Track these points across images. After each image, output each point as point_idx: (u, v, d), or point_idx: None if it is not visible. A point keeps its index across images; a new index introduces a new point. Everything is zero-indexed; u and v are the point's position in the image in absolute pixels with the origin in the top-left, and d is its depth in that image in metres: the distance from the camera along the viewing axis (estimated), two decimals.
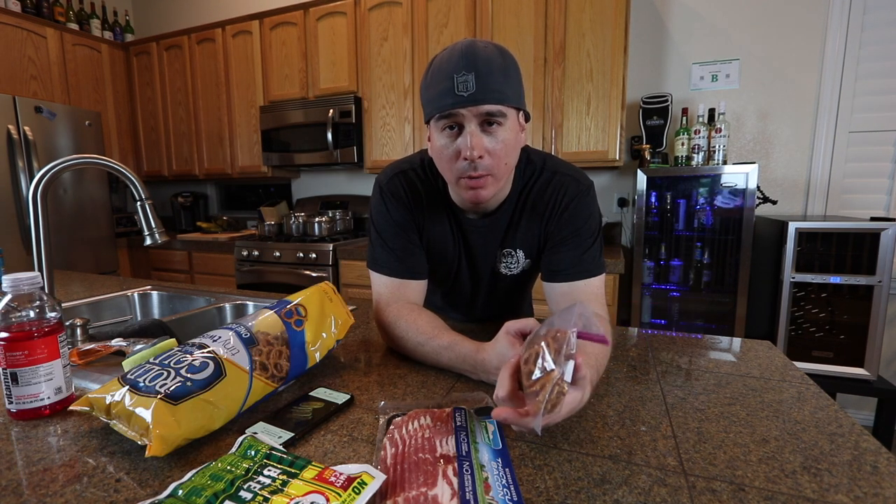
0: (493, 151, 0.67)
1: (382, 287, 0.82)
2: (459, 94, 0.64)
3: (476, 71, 0.63)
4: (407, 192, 0.82)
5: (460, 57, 0.64)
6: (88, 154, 1.41)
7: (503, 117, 0.66)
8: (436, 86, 0.67)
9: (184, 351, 0.56)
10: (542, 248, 0.83)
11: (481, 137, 0.66)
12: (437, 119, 0.68)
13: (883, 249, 1.63)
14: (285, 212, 2.85)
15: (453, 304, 0.99)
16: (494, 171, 0.69)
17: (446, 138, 0.69)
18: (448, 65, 0.65)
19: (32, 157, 2.43)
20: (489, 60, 0.64)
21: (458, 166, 0.69)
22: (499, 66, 0.65)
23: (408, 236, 0.82)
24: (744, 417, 0.57)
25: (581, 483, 0.44)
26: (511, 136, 0.68)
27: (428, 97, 0.69)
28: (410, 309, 0.77)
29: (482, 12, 2.20)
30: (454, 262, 0.88)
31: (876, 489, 0.43)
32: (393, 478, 0.42)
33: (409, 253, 0.82)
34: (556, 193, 0.79)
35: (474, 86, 0.63)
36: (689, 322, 2.04)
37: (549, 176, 0.80)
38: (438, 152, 0.71)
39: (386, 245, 0.82)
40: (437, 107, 0.67)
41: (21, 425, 0.55)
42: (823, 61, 2.04)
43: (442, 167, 0.73)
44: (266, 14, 2.72)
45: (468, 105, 0.64)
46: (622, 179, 2.40)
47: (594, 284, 0.77)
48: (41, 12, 2.89)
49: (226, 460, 0.43)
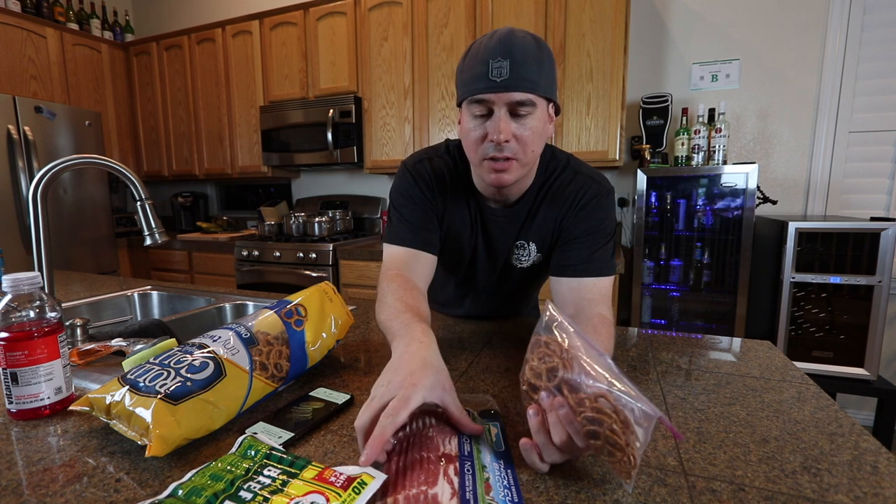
0: (520, 137, 0.68)
1: (391, 258, 0.81)
2: (493, 79, 0.65)
3: (511, 58, 0.64)
4: (431, 177, 0.83)
5: (497, 43, 0.65)
6: (88, 154, 1.41)
7: (533, 106, 0.67)
8: (471, 69, 0.67)
9: (184, 351, 0.56)
10: (554, 244, 0.83)
11: (510, 122, 0.67)
12: (469, 102, 0.69)
13: (883, 249, 1.63)
14: (285, 212, 2.85)
15: (465, 294, 0.99)
16: (520, 156, 0.69)
17: (476, 121, 0.70)
18: (485, 50, 0.66)
19: (32, 157, 2.43)
20: (525, 49, 0.65)
21: (484, 148, 0.70)
22: (534, 56, 0.66)
23: (425, 212, 0.82)
24: (744, 417, 0.57)
25: (581, 483, 0.44)
26: (539, 124, 0.69)
27: (462, 80, 0.70)
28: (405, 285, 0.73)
29: (482, 12, 2.20)
30: (470, 249, 0.88)
31: (876, 489, 0.43)
32: (394, 476, 0.42)
33: (424, 226, 0.81)
34: (576, 192, 0.79)
35: (508, 72, 0.64)
36: (689, 322, 2.04)
37: (571, 174, 0.81)
38: (466, 133, 0.72)
39: (403, 218, 0.82)
40: (469, 90, 0.68)
41: (21, 425, 0.55)
42: (823, 61, 2.04)
43: (468, 148, 0.74)
44: (266, 14, 2.72)
45: (499, 91, 0.65)
46: (622, 179, 2.40)
47: (602, 284, 0.77)
48: (41, 12, 2.89)
49: (226, 460, 0.43)
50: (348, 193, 3.03)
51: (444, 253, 0.89)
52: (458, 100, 0.73)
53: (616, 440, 0.39)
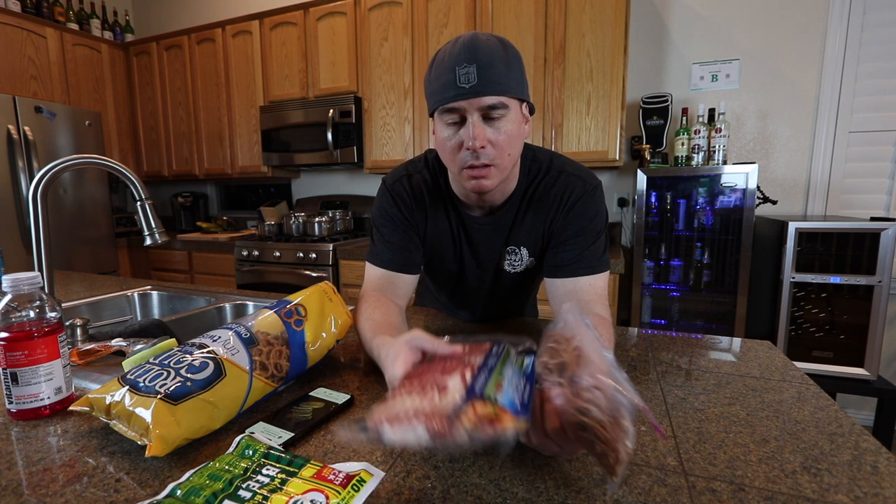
0: (495, 142, 0.68)
1: (370, 278, 0.85)
2: (461, 86, 0.64)
3: (478, 62, 0.64)
4: (409, 195, 0.83)
5: (462, 49, 0.65)
6: (88, 154, 1.41)
7: (505, 108, 0.67)
8: (438, 78, 0.67)
9: (184, 351, 0.56)
10: (545, 247, 0.83)
11: (483, 128, 0.67)
12: (441, 112, 0.68)
13: (883, 249, 1.63)
14: (285, 212, 2.85)
15: (460, 303, 0.99)
16: (497, 161, 0.69)
17: (450, 130, 0.69)
18: (450, 57, 0.65)
19: (32, 157, 2.43)
20: (491, 52, 0.65)
21: (461, 157, 0.69)
22: (500, 58, 0.65)
23: (405, 232, 0.83)
24: (744, 417, 0.57)
25: (581, 483, 0.44)
26: (514, 127, 0.69)
27: (431, 90, 0.69)
28: (376, 303, 0.77)
29: (482, 12, 2.20)
30: (457, 260, 0.88)
31: (876, 489, 0.43)
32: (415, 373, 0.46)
33: (404, 245, 0.83)
34: (562, 192, 0.79)
35: (476, 77, 0.64)
36: (689, 322, 2.04)
37: (555, 175, 0.80)
38: (442, 144, 0.71)
39: (383, 238, 0.84)
40: (439, 99, 0.67)
41: (21, 425, 0.55)
42: (823, 61, 2.03)
43: (445, 158, 0.74)
44: (266, 14, 2.72)
45: (469, 97, 0.65)
46: (622, 179, 2.40)
47: (598, 284, 0.77)
48: (41, 12, 2.89)
49: (224, 460, 0.43)
50: (348, 193, 3.03)
51: (431, 267, 0.90)
52: (429, 110, 0.72)
53: (603, 434, 0.39)
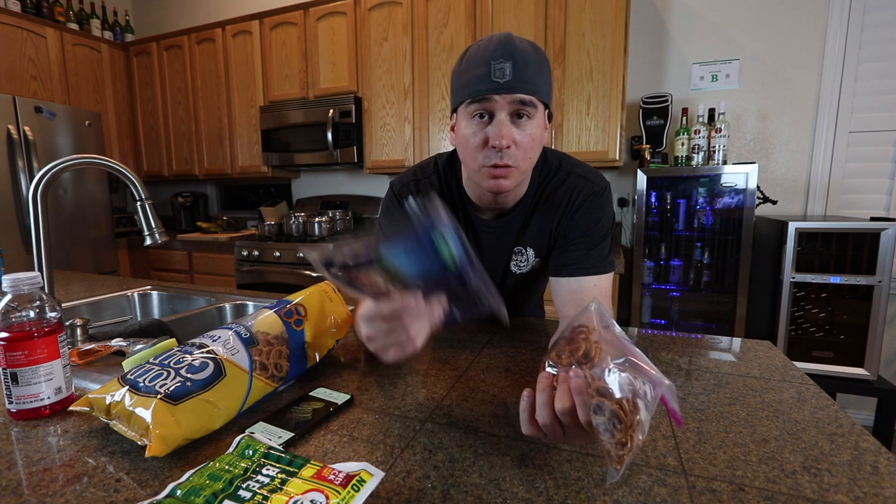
0: (520, 143, 0.67)
1: None
2: (495, 80, 0.64)
3: (514, 60, 0.64)
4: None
5: (498, 45, 0.65)
6: (88, 154, 1.41)
7: (534, 108, 0.67)
8: (471, 71, 0.67)
9: (184, 351, 0.56)
10: (551, 247, 0.83)
11: (511, 127, 0.67)
12: (468, 104, 0.68)
13: (883, 249, 1.63)
14: (285, 212, 2.85)
15: None
16: (519, 163, 0.69)
17: (475, 126, 0.69)
18: (485, 52, 0.65)
19: (32, 157, 2.43)
20: (525, 53, 0.65)
21: (485, 154, 0.69)
22: (534, 60, 0.66)
23: None
24: (744, 417, 0.57)
25: (581, 483, 0.44)
26: (538, 131, 0.69)
27: (461, 83, 0.69)
28: None
29: (482, 12, 2.20)
30: None
31: (876, 489, 0.43)
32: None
33: None
34: (570, 194, 0.79)
35: (510, 74, 0.64)
36: (689, 322, 2.04)
37: (563, 176, 0.80)
38: (465, 140, 0.70)
39: None
40: (470, 91, 0.67)
41: (21, 425, 0.55)
42: (823, 61, 2.04)
43: (466, 155, 0.73)
44: (266, 14, 2.72)
45: (503, 92, 0.64)
46: (622, 179, 2.40)
47: (603, 285, 0.77)
48: (41, 12, 2.89)
49: (223, 460, 0.43)
50: (348, 193, 3.03)
51: None
52: (454, 104, 0.72)
53: (622, 416, 0.38)
